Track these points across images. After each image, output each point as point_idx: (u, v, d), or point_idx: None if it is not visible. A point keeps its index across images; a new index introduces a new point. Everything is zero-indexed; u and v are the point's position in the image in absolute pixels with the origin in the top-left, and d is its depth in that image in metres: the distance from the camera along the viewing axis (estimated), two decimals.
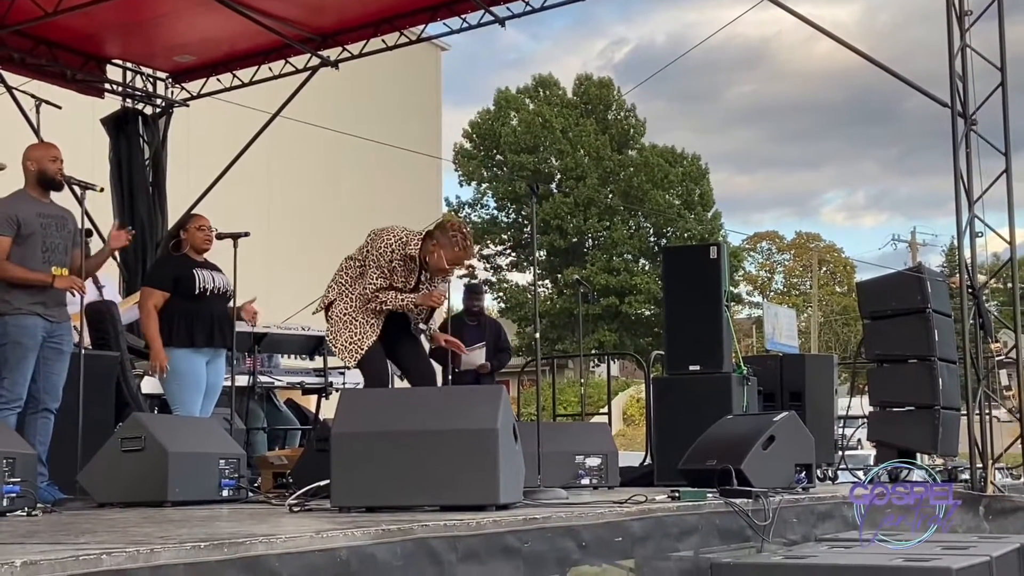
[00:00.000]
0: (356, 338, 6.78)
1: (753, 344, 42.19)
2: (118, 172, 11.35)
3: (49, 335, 6.58)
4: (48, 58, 10.65)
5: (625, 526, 4.92)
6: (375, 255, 6.77)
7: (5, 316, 6.47)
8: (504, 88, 48.14)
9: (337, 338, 6.86)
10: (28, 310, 6.49)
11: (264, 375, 9.52)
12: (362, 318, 6.80)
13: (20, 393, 6.43)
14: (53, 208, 6.76)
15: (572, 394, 29.23)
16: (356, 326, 6.80)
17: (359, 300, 6.80)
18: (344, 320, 6.82)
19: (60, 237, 6.69)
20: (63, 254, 6.70)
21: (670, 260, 9.48)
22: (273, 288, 8.05)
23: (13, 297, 6.48)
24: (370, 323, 6.80)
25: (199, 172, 12.18)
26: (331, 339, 7.00)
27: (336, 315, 6.86)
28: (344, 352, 6.84)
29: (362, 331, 6.79)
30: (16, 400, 6.42)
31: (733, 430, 6.99)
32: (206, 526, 4.16)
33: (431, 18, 10.30)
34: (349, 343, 6.80)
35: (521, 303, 45.55)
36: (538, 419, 6.83)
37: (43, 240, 6.59)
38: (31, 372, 6.50)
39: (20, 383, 6.43)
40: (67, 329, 6.74)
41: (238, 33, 10.47)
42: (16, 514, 5.18)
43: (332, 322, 6.91)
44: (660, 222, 44.88)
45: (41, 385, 6.54)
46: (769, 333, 14.11)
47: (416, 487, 4.89)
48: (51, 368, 6.60)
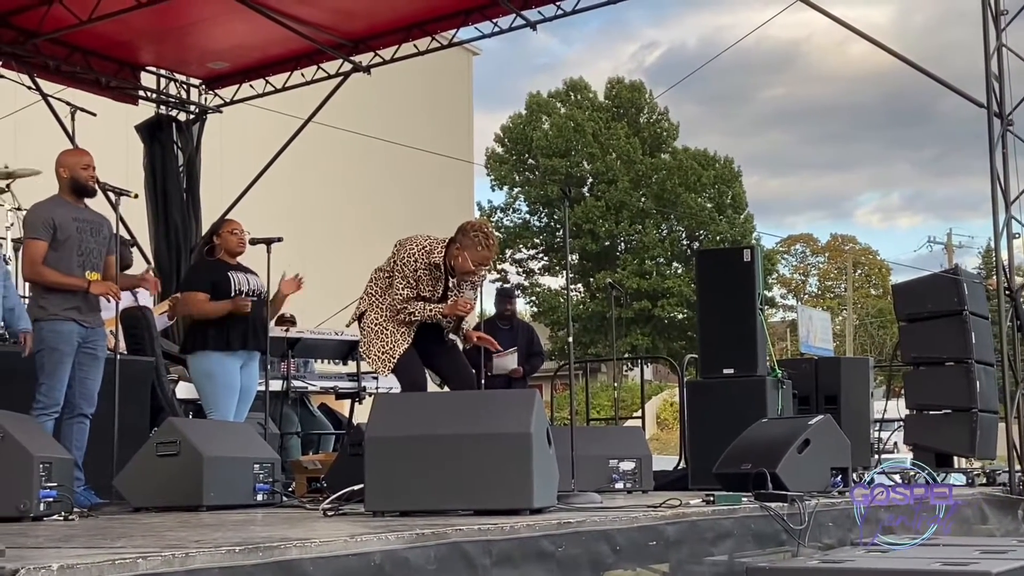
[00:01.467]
0: (388, 347, 6.78)
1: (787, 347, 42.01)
2: (152, 178, 11.41)
3: (84, 340, 6.62)
4: (83, 65, 10.73)
5: (659, 530, 4.90)
6: (400, 265, 6.76)
7: (41, 322, 6.52)
8: (535, 92, 48.15)
9: (370, 348, 6.87)
10: (64, 316, 6.53)
11: (298, 379, 9.55)
12: (393, 327, 6.80)
13: (57, 399, 6.48)
14: (88, 213, 6.81)
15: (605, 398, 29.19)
16: (387, 335, 6.80)
17: (389, 310, 6.80)
18: (375, 330, 6.82)
19: (95, 242, 6.75)
20: (98, 259, 6.75)
21: (703, 263, 9.45)
22: (306, 293, 8.06)
23: (49, 303, 6.53)
24: (401, 332, 6.80)
25: (232, 177, 12.24)
26: (364, 350, 7.01)
27: (368, 325, 6.87)
28: (377, 362, 6.84)
29: (393, 340, 6.79)
30: (54, 406, 6.47)
31: (768, 434, 6.95)
32: (241, 530, 4.16)
33: (462, 22, 10.31)
34: (382, 352, 6.80)
35: (553, 307, 45.50)
36: (571, 423, 6.82)
37: (79, 244, 6.64)
38: (67, 377, 6.54)
39: (57, 388, 6.48)
40: (101, 335, 6.78)
41: (271, 39, 10.52)
42: (53, 518, 5.22)
43: (364, 332, 6.92)
44: (692, 225, 44.74)
45: (76, 390, 6.59)
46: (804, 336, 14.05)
47: (450, 491, 4.88)
48: (86, 373, 6.65)
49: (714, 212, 44.70)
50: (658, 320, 43.48)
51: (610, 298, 34.74)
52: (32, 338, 6.44)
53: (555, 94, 47.94)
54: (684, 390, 9.44)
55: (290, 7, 9.87)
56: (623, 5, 9.59)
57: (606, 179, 44.62)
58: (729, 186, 45.36)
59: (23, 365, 6.55)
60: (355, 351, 9.65)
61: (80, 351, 6.60)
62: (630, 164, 44.58)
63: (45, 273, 6.51)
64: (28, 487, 5.12)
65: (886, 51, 8.92)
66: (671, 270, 44.70)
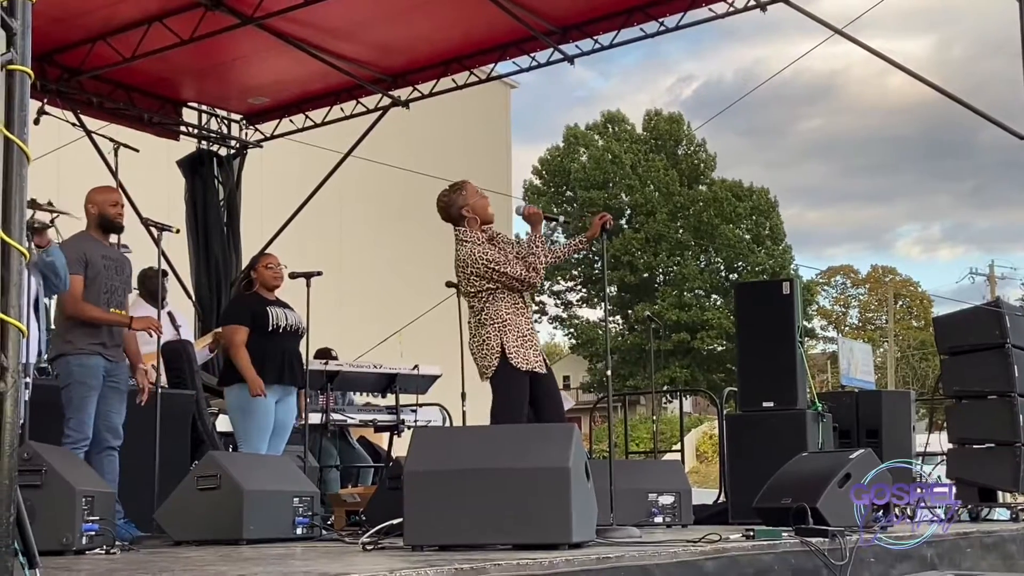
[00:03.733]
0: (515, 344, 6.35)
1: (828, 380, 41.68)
2: (193, 213, 11.51)
3: (108, 374, 6.63)
4: (126, 102, 10.86)
5: (699, 565, 4.87)
6: (476, 264, 6.38)
7: (68, 356, 6.53)
8: (573, 125, 48.29)
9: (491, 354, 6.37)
10: (90, 350, 6.55)
11: (337, 412, 9.58)
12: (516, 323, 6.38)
13: (86, 432, 6.49)
14: (113, 252, 6.85)
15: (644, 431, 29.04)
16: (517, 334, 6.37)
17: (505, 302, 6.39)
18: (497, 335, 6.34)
19: (119, 280, 6.78)
20: (122, 296, 6.80)
21: (742, 296, 9.40)
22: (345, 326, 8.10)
23: (75, 337, 6.54)
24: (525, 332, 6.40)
25: (272, 212, 12.33)
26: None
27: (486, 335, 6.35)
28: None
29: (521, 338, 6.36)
30: (83, 440, 6.46)
31: (809, 467, 6.90)
32: (281, 564, 4.18)
33: (500, 57, 10.37)
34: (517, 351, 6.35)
35: (592, 339, 45.46)
36: (610, 456, 6.79)
37: (105, 282, 6.67)
38: (95, 411, 6.55)
39: (86, 422, 6.49)
40: (124, 368, 6.78)
41: (310, 74, 10.62)
42: (95, 551, 5.24)
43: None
44: (731, 256, 44.60)
45: (101, 424, 6.58)
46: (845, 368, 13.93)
47: (488, 525, 4.88)
48: (110, 407, 6.64)
49: (752, 244, 44.55)
50: (697, 352, 43.32)
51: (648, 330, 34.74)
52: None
53: (593, 126, 48.07)
54: (723, 423, 9.39)
55: (330, 43, 9.98)
56: (660, 38, 9.61)
57: (644, 211, 44.62)
58: (767, 217, 45.23)
59: (51, 399, 6.56)
60: (393, 384, 9.67)
61: (104, 385, 6.61)
62: (668, 196, 44.55)
63: (87, 309, 6.54)
64: (71, 521, 5.15)
65: (925, 83, 8.90)
66: (710, 302, 44.56)
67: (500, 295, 6.38)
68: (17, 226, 2.70)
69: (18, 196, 2.71)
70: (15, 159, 2.70)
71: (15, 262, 2.68)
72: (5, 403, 2.60)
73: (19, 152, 2.70)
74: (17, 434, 2.62)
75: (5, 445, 2.58)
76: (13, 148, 2.70)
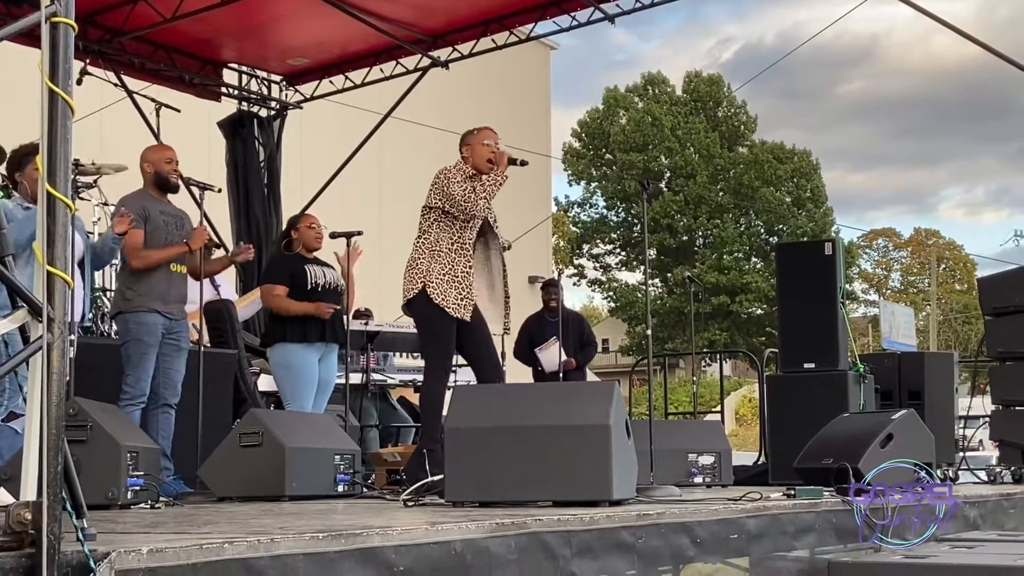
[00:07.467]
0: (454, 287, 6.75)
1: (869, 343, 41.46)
2: (234, 174, 11.57)
3: (168, 332, 6.73)
4: (167, 63, 10.90)
5: (740, 523, 4.86)
6: (440, 190, 6.87)
7: (126, 314, 6.66)
8: (613, 87, 48.03)
9: (447, 295, 6.76)
10: (147, 307, 6.65)
11: (377, 373, 9.62)
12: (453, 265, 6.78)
13: (143, 389, 6.60)
14: (171, 208, 6.96)
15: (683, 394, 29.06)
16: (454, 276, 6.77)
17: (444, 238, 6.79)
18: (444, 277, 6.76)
19: (179, 236, 6.88)
20: None
21: (784, 257, 9.33)
22: (385, 287, 8.12)
23: (135, 294, 6.66)
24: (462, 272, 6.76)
25: (312, 172, 12.36)
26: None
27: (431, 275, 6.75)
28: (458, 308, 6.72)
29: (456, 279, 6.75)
30: (140, 396, 6.59)
31: (850, 428, 6.86)
32: (323, 518, 4.21)
33: (540, 17, 10.31)
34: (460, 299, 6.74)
35: (631, 302, 45.39)
36: (650, 416, 6.80)
37: (165, 237, 6.79)
38: (152, 368, 6.66)
39: (143, 379, 6.60)
40: (184, 326, 6.89)
41: (350, 35, 10.61)
42: (140, 506, 5.31)
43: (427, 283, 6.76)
44: (771, 219, 44.33)
45: (161, 381, 6.71)
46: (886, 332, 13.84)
47: (529, 482, 4.89)
48: (170, 364, 6.76)
49: (793, 206, 44.26)
50: (736, 315, 43.18)
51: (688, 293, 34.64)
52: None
53: (632, 88, 47.79)
54: (764, 384, 9.35)
55: (370, 4, 9.95)
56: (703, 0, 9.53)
57: (684, 173, 44.40)
58: (808, 179, 44.90)
59: (111, 357, 6.67)
60: None
61: (164, 342, 6.72)
62: (708, 158, 44.29)
63: (148, 254, 6.67)
64: (116, 476, 5.22)
65: (972, 41, 8.77)
66: (750, 265, 44.38)
67: (446, 224, 6.85)
68: (62, 179, 2.71)
69: (63, 148, 2.71)
70: (60, 111, 2.71)
71: (60, 214, 2.69)
72: (52, 353, 2.62)
73: (63, 104, 2.71)
74: (64, 384, 2.64)
75: (53, 395, 2.60)
76: (58, 100, 2.70)
